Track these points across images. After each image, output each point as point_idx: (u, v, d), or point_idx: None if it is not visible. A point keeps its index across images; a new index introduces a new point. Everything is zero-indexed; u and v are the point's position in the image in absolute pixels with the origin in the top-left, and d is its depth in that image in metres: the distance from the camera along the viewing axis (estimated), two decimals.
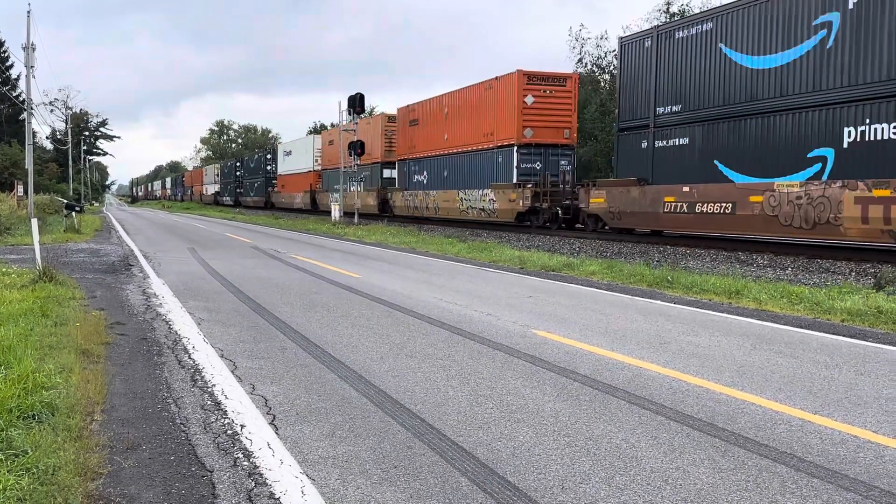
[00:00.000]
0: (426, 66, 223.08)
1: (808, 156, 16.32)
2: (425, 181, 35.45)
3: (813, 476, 4.30)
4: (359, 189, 43.29)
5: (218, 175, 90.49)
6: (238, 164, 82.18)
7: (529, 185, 26.83)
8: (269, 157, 68.14)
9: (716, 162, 18.79)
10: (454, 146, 32.27)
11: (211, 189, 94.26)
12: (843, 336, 8.64)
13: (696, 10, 42.99)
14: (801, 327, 9.21)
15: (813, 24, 16.24)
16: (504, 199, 27.99)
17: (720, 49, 18.69)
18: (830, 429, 5.15)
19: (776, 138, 17.21)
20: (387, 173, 41.60)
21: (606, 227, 23.43)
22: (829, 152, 15.91)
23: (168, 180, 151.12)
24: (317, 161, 51.53)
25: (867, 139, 15.15)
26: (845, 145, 15.57)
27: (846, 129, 15.55)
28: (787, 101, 16.90)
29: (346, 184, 44.14)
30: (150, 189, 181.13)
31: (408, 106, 37.51)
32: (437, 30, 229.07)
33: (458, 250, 20.99)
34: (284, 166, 59.59)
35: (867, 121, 15.18)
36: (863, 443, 4.88)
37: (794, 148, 16.71)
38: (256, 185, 71.42)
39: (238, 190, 79.32)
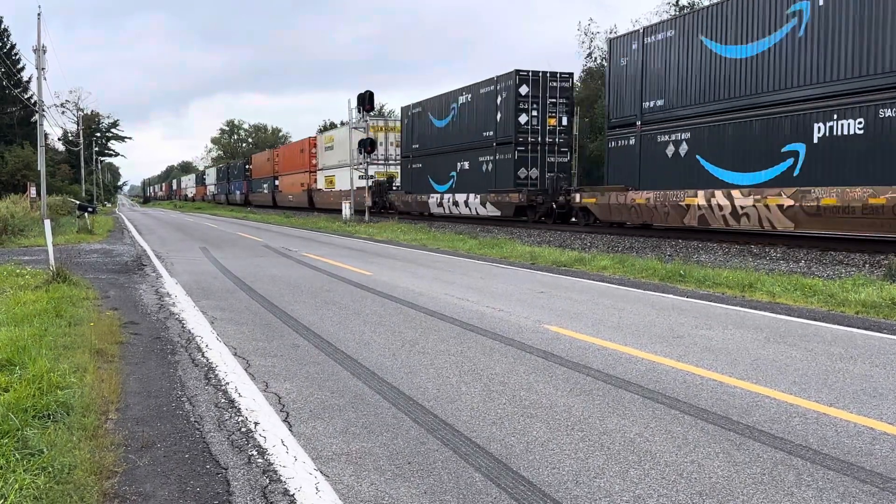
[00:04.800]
0: (434, 64, 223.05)
1: None
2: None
3: (829, 468, 4.27)
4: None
5: (389, 144, 43.37)
6: (488, 89, 29.37)
7: None
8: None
9: None
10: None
11: (343, 179, 44.35)
12: (858, 328, 8.57)
13: (706, 1, 42.65)
14: (816, 320, 9.15)
15: None
16: None
17: None
18: (846, 421, 5.12)
19: None
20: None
21: None
22: None
23: (212, 172, 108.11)
24: None
25: None
26: None
27: None
28: None
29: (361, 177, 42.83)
30: (174, 188, 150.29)
31: None
32: (445, 27, 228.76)
33: (469, 247, 20.98)
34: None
35: None
36: (879, 434, 4.84)
37: None
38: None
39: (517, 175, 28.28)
